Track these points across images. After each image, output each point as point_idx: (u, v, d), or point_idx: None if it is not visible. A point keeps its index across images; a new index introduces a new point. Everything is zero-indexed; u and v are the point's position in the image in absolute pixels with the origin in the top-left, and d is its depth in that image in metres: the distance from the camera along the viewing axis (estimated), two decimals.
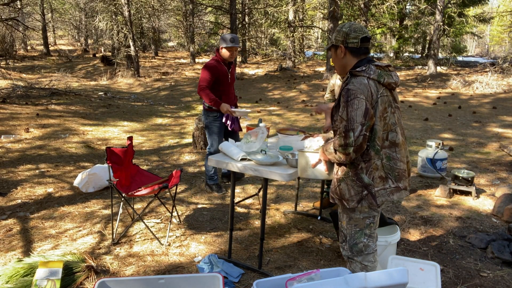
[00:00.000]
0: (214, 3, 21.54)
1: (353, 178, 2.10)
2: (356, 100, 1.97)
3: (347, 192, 2.13)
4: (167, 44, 31.81)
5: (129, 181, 3.47)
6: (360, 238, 2.20)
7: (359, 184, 2.10)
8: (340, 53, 2.17)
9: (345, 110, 1.99)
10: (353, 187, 2.11)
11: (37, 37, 27.27)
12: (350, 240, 2.23)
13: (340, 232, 2.29)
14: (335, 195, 2.21)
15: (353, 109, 1.97)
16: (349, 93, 1.99)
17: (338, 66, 2.24)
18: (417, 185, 4.82)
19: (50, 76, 15.96)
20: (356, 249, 2.22)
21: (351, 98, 1.98)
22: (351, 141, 1.97)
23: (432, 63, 15.45)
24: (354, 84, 2.00)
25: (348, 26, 2.13)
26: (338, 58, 2.19)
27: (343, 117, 1.99)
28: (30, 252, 3.07)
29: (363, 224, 2.18)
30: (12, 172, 4.95)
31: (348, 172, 2.11)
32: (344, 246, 2.28)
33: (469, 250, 3.26)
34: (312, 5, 18.16)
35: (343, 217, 2.23)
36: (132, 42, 16.21)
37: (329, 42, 2.24)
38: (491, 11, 23.35)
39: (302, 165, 2.39)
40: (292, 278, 1.79)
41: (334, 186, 2.20)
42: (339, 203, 2.20)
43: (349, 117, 1.97)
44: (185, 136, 7.42)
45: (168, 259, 3.04)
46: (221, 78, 4.09)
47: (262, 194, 2.81)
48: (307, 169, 2.37)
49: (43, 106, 9.19)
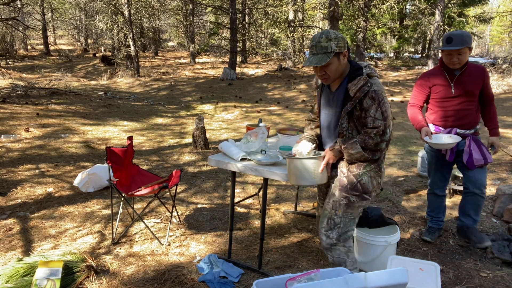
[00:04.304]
0: (214, 3, 21.52)
1: (376, 170, 2.28)
2: (385, 99, 2.15)
3: (370, 184, 2.26)
4: (167, 44, 31.80)
5: (129, 181, 3.47)
6: (352, 226, 2.33)
7: (379, 174, 2.29)
8: (343, 58, 2.19)
9: (379, 110, 2.13)
10: (375, 178, 2.28)
11: (37, 36, 27.26)
12: (343, 228, 2.30)
13: (329, 220, 2.32)
14: (354, 192, 2.25)
15: (386, 108, 2.15)
16: (377, 94, 2.12)
17: (339, 73, 2.22)
18: (417, 185, 4.82)
19: (50, 76, 15.96)
20: (345, 236, 2.32)
21: (381, 98, 2.13)
22: (387, 137, 2.18)
23: (432, 63, 15.45)
24: (377, 85, 2.14)
25: (336, 33, 2.17)
26: (342, 64, 2.20)
27: (377, 117, 2.13)
28: (30, 251, 3.07)
29: (357, 213, 2.33)
30: (12, 172, 4.95)
31: (370, 165, 2.26)
32: (330, 234, 2.31)
33: (469, 250, 3.26)
34: (312, 5, 18.15)
35: (340, 206, 2.29)
36: (132, 42, 16.21)
37: (329, 52, 2.13)
38: (491, 11, 23.36)
39: (299, 172, 2.29)
40: (292, 278, 1.79)
41: (352, 183, 2.25)
42: (358, 199, 2.26)
43: (385, 116, 2.14)
44: (185, 136, 7.42)
45: (168, 259, 3.04)
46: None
47: (262, 194, 2.82)
48: (305, 176, 2.27)
49: (43, 106, 9.19)
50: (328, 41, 2.12)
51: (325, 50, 2.13)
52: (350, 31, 19.64)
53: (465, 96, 3.00)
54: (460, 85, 3.00)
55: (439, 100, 3.09)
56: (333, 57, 2.15)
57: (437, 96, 3.10)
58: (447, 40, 2.89)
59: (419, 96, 3.19)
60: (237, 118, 9.72)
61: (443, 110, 3.10)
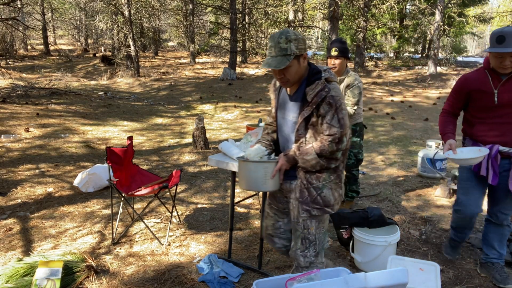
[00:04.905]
0: (214, 3, 21.52)
1: (336, 181, 2.12)
2: (343, 105, 2.01)
3: (331, 197, 2.11)
4: (167, 44, 31.80)
5: (129, 181, 3.47)
6: (326, 238, 2.23)
7: (340, 185, 2.14)
8: (303, 61, 2.04)
9: (336, 117, 1.99)
10: (336, 190, 2.13)
11: (37, 36, 27.26)
12: (319, 244, 2.18)
13: (303, 240, 2.17)
14: (315, 206, 2.10)
15: (343, 115, 2.00)
16: (335, 100, 1.98)
17: (298, 76, 2.06)
18: (417, 185, 4.82)
19: (50, 75, 15.96)
20: (322, 252, 2.21)
21: (338, 104, 1.99)
22: (343, 146, 2.02)
23: (432, 63, 15.46)
24: (335, 91, 2.01)
25: (297, 33, 2.01)
26: (302, 67, 2.05)
27: (334, 124, 1.99)
28: (30, 251, 3.07)
29: (326, 223, 2.22)
30: (12, 171, 4.95)
31: (329, 176, 2.10)
32: (307, 253, 2.17)
33: (469, 250, 3.26)
34: (312, 5, 18.16)
35: (311, 224, 2.14)
36: (132, 42, 16.21)
37: (289, 54, 1.98)
38: (491, 11, 23.34)
39: (250, 176, 2.09)
40: (292, 278, 1.79)
41: (312, 196, 2.09)
42: (319, 212, 2.11)
43: (342, 124, 2.00)
44: (185, 136, 7.42)
45: (168, 259, 3.04)
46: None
47: (262, 194, 2.81)
48: (256, 180, 2.08)
49: (43, 105, 9.19)
50: (288, 42, 1.96)
51: (285, 52, 1.96)
52: (350, 31, 19.65)
53: (511, 106, 2.50)
54: (506, 93, 2.48)
55: (479, 109, 2.58)
56: (293, 59, 1.98)
57: (476, 104, 2.59)
58: (497, 39, 2.35)
59: (454, 102, 2.71)
60: (237, 118, 9.72)
61: (483, 123, 2.59)
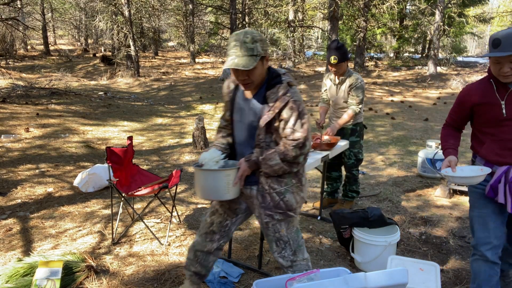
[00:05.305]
0: (214, 3, 21.53)
1: (297, 185, 2.12)
2: (304, 110, 2.00)
3: (293, 200, 2.10)
4: (167, 44, 31.79)
5: (129, 181, 3.47)
6: (299, 235, 2.23)
7: (301, 188, 2.14)
8: (265, 63, 2.00)
9: (299, 122, 1.97)
10: (298, 193, 2.13)
11: (37, 36, 27.24)
12: (294, 244, 2.18)
13: (277, 243, 2.16)
14: (278, 210, 2.07)
15: (306, 120, 1.99)
16: (298, 104, 1.96)
17: (261, 78, 2.02)
18: (417, 185, 4.82)
19: (50, 75, 15.95)
20: (300, 249, 2.21)
21: (301, 109, 1.98)
22: (306, 150, 2.01)
23: (432, 63, 15.47)
24: (297, 95, 2.00)
25: (260, 34, 1.96)
26: (264, 69, 2.01)
27: (297, 129, 1.96)
28: (30, 251, 3.07)
29: (296, 222, 2.21)
30: (12, 171, 4.95)
31: (291, 180, 2.09)
32: (285, 253, 2.17)
33: (469, 250, 3.26)
34: (312, 5, 18.16)
35: (281, 226, 2.12)
36: (132, 42, 16.21)
37: (256, 55, 1.91)
38: (491, 11, 23.33)
39: (209, 185, 1.99)
40: (292, 278, 1.79)
41: (275, 201, 2.06)
42: (283, 217, 2.09)
43: (305, 128, 1.98)
44: (185, 136, 7.42)
45: (168, 259, 3.04)
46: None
47: None
48: (217, 189, 1.99)
49: (43, 105, 9.19)
50: (254, 42, 1.90)
51: (251, 53, 1.89)
52: (350, 31, 19.65)
53: None
54: None
55: (486, 124, 2.23)
56: (258, 61, 1.93)
57: (482, 118, 2.24)
58: (493, 43, 2.06)
59: (456, 116, 2.40)
60: None
61: (493, 140, 2.22)
